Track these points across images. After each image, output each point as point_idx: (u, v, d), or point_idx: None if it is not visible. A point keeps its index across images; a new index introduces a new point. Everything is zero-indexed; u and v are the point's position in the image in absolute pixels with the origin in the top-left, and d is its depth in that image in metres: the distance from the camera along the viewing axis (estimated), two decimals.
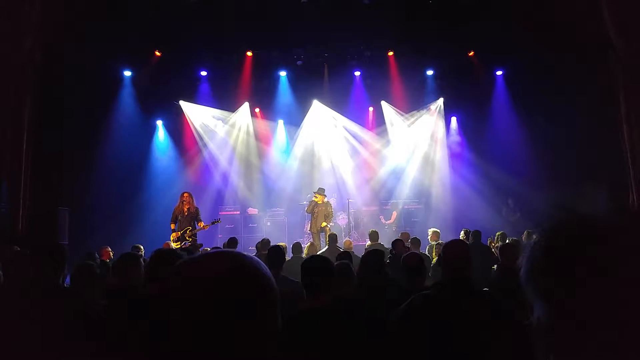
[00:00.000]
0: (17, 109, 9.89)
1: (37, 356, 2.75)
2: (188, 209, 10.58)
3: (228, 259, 1.02)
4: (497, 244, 8.81)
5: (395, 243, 7.44)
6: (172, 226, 10.65)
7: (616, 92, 10.92)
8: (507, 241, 8.60)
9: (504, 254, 5.04)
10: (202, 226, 10.59)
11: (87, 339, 2.72)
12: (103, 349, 2.60)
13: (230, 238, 9.08)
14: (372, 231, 10.02)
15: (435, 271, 6.75)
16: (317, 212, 12.06)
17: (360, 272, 4.71)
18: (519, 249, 5.29)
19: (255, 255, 6.48)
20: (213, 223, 10.97)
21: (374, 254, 4.98)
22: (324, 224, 11.85)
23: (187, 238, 10.36)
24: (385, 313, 3.05)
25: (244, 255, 1.05)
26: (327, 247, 9.35)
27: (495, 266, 6.63)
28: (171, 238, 10.43)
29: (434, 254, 8.91)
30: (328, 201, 12.51)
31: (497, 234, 9.56)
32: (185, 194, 10.80)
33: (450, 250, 2.97)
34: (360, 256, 9.03)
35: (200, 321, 0.94)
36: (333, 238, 9.39)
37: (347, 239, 11.15)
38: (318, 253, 8.66)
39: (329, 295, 2.93)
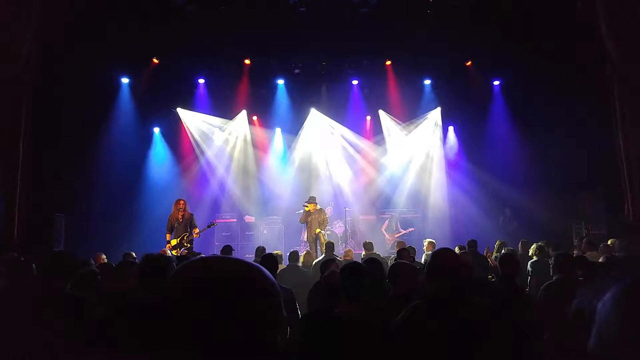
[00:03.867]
0: (14, 115, 9.88)
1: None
2: (183, 215, 10.56)
3: (232, 262, 1.04)
4: (495, 254, 8.79)
5: (400, 253, 7.37)
6: (168, 236, 10.60)
7: (612, 101, 10.99)
8: (503, 251, 8.58)
9: (504, 264, 5.03)
10: (196, 232, 10.55)
11: (89, 344, 2.72)
12: (104, 353, 2.60)
13: (225, 246, 9.01)
14: (367, 242, 10.02)
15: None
16: (310, 220, 12.01)
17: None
18: (518, 260, 5.27)
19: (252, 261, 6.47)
20: (209, 226, 10.96)
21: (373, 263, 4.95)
22: (318, 230, 11.79)
23: (185, 244, 10.33)
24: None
25: (246, 261, 1.07)
26: (323, 255, 9.31)
27: (495, 276, 6.61)
28: (168, 247, 10.39)
29: None
30: (321, 208, 12.46)
31: (497, 243, 9.56)
32: (182, 202, 10.77)
33: (445, 258, 2.95)
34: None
35: (202, 321, 0.94)
36: (330, 247, 9.35)
37: (348, 247, 11.13)
38: (314, 262, 8.66)
39: (361, 304, 2.95)
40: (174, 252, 10.11)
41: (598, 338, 0.68)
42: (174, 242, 10.45)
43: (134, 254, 8.68)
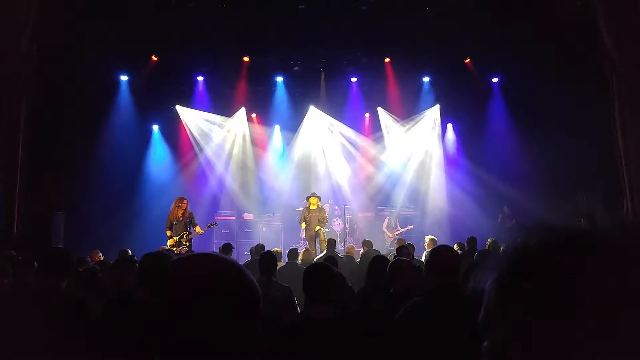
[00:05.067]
0: (12, 113, 9.87)
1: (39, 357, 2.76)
2: (182, 213, 10.52)
3: (212, 261, 1.05)
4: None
5: (399, 250, 7.39)
6: (168, 232, 10.54)
7: (611, 100, 10.99)
8: (502, 249, 8.60)
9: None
10: (198, 230, 10.53)
11: (87, 342, 2.73)
12: (103, 351, 2.61)
13: (225, 244, 9.03)
14: (366, 240, 10.04)
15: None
16: (310, 218, 11.97)
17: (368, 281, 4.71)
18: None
19: (250, 260, 6.48)
20: (209, 226, 10.95)
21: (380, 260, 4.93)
22: (318, 227, 11.78)
23: (184, 243, 10.30)
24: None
25: (227, 258, 1.09)
26: (325, 252, 9.31)
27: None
28: (168, 244, 10.35)
29: None
30: (322, 207, 12.45)
31: (488, 240, 9.50)
32: (185, 200, 10.73)
33: (444, 255, 2.96)
34: (358, 261, 9.11)
35: (186, 321, 0.96)
36: (332, 243, 9.34)
37: (350, 244, 11.13)
38: (315, 259, 8.66)
39: (332, 307, 2.85)
40: (174, 248, 10.07)
41: (485, 312, 0.81)
42: (172, 240, 10.40)
43: (129, 251, 8.68)
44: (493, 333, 0.79)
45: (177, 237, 10.34)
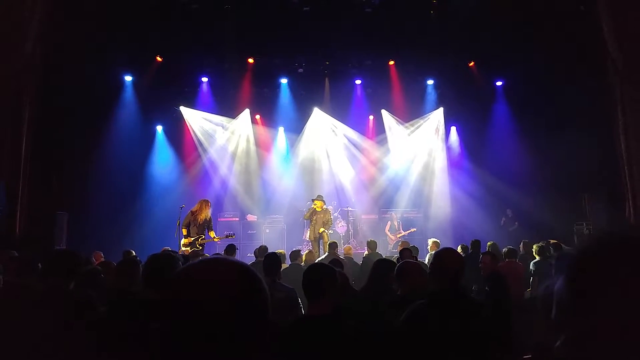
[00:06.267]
0: (17, 113, 9.91)
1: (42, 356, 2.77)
2: (204, 216, 10.34)
3: (227, 264, 1.06)
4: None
5: (402, 252, 7.38)
6: (185, 231, 10.22)
7: (614, 104, 10.98)
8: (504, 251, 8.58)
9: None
10: (213, 237, 10.38)
11: (90, 342, 2.74)
12: (105, 351, 2.62)
13: (229, 245, 9.02)
14: (371, 241, 10.02)
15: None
16: (315, 219, 11.98)
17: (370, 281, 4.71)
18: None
19: (254, 261, 6.47)
20: (226, 237, 10.72)
21: (385, 262, 4.93)
22: (322, 229, 11.78)
23: (198, 246, 10.13)
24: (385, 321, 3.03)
25: (241, 262, 1.09)
26: (326, 254, 9.33)
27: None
28: (183, 242, 10.16)
29: None
30: (327, 208, 12.45)
31: (488, 244, 9.44)
32: (209, 203, 10.57)
33: (448, 258, 2.96)
34: (360, 263, 9.12)
35: (200, 322, 0.96)
36: (333, 246, 9.36)
37: (347, 245, 11.12)
38: (317, 260, 8.66)
39: (328, 304, 2.87)
40: (185, 249, 9.93)
41: (557, 310, 0.89)
42: (187, 240, 10.20)
43: (133, 252, 8.67)
44: (568, 327, 0.89)
45: (193, 239, 10.17)
